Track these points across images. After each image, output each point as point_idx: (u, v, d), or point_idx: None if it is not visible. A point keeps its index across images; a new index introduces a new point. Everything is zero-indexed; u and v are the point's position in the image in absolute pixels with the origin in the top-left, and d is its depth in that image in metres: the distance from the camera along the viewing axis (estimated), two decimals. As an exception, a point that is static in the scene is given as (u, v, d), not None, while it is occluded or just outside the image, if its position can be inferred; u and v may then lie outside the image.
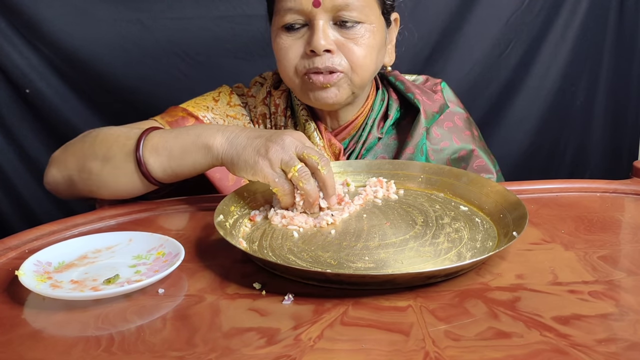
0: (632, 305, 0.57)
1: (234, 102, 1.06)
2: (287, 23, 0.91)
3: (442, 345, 0.51)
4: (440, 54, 1.61)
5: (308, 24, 0.91)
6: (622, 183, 0.92)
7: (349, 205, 0.80)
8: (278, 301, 0.59)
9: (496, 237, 0.72)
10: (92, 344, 0.52)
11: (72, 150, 0.90)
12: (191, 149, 0.80)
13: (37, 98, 1.47)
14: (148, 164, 0.81)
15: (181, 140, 0.81)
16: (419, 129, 1.00)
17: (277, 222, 0.76)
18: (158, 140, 0.82)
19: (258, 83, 1.10)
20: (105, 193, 0.86)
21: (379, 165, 0.93)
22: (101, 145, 0.85)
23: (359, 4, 0.90)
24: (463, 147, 1.04)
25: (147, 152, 0.81)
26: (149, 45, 1.48)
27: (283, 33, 0.93)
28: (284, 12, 0.91)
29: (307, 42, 0.91)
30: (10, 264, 0.69)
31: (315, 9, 0.88)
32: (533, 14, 1.61)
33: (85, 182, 0.86)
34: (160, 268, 0.65)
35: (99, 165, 0.84)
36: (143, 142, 0.82)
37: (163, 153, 0.81)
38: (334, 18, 0.90)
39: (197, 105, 1.03)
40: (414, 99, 1.03)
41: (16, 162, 1.52)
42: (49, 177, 0.92)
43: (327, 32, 0.90)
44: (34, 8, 1.40)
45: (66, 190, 0.90)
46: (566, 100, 1.70)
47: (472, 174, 0.86)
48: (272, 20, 0.96)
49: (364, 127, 1.03)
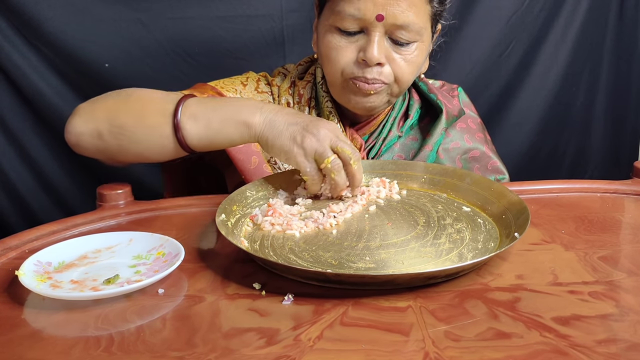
0: (632, 306, 0.57)
1: (262, 89, 1.06)
2: (344, 27, 0.91)
3: (442, 345, 0.51)
4: (440, 54, 1.61)
5: (364, 32, 0.91)
6: (622, 183, 0.92)
7: (352, 207, 0.79)
8: (278, 301, 0.59)
9: (498, 238, 0.72)
10: (92, 344, 0.52)
11: (104, 103, 0.87)
12: (230, 123, 0.81)
13: (38, 98, 1.47)
14: (185, 129, 0.81)
15: (221, 112, 0.81)
16: (439, 128, 1.02)
17: (269, 229, 0.75)
18: (197, 109, 0.81)
19: (281, 74, 1.10)
20: (134, 151, 0.84)
21: (382, 165, 0.93)
22: (136, 103, 0.84)
23: (417, 27, 0.91)
24: (475, 147, 1.05)
25: (185, 118, 0.81)
26: (149, 45, 1.47)
27: (337, 33, 0.93)
28: (343, 15, 0.90)
29: (360, 49, 0.92)
30: (10, 264, 0.69)
31: (377, 22, 0.89)
32: (533, 15, 1.61)
33: (116, 137, 0.83)
34: (160, 268, 0.65)
35: (133, 121, 0.83)
36: (182, 108, 0.81)
37: (201, 122, 0.81)
38: (390, 33, 0.91)
39: (226, 86, 1.03)
40: (437, 100, 1.05)
41: (17, 162, 1.52)
42: (73, 127, 0.85)
43: (382, 46, 0.91)
44: (34, 8, 1.40)
45: (91, 145, 0.86)
46: (566, 100, 1.70)
47: (476, 175, 0.86)
48: (323, 15, 0.96)
49: (384, 124, 1.05)
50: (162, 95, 0.86)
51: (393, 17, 0.89)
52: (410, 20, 0.90)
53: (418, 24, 0.91)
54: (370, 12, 0.88)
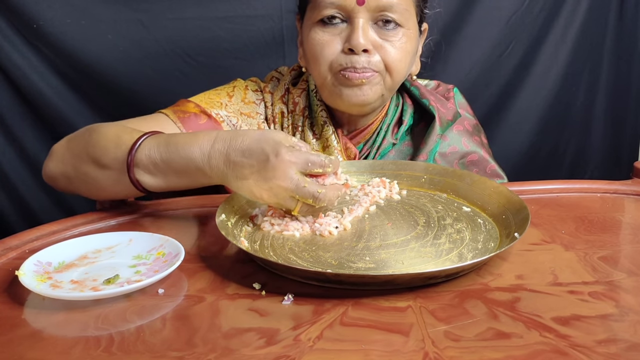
0: (632, 306, 0.57)
1: (249, 99, 1.03)
2: (325, 16, 0.90)
3: (442, 345, 0.51)
4: (440, 54, 1.61)
5: (347, 21, 0.90)
6: (622, 184, 0.92)
7: (353, 211, 0.79)
8: (278, 301, 0.59)
9: (498, 238, 0.72)
10: (92, 344, 0.52)
11: (72, 147, 0.86)
12: (184, 173, 0.76)
13: (38, 98, 1.47)
14: (142, 181, 0.78)
15: (173, 164, 0.76)
16: (433, 136, 1.00)
17: (269, 229, 0.75)
18: (148, 161, 0.77)
19: (275, 78, 1.08)
20: (103, 195, 0.85)
21: (382, 165, 0.93)
22: (95, 149, 0.81)
23: (401, 7, 0.90)
24: (473, 150, 1.03)
25: (140, 172, 0.77)
26: (149, 45, 1.47)
27: (319, 27, 0.92)
28: (323, 6, 0.89)
29: (345, 39, 0.90)
30: (10, 264, 0.69)
31: (358, 7, 0.88)
32: (533, 15, 1.61)
33: (84, 182, 0.84)
34: (160, 268, 0.65)
35: (95, 169, 0.81)
36: (134, 160, 0.76)
37: (157, 174, 0.77)
38: (374, 18, 0.90)
39: (211, 101, 1.00)
40: (429, 105, 1.02)
41: (16, 162, 1.52)
42: (47, 169, 0.88)
43: (367, 32, 0.90)
44: (34, 8, 1.40)
45: (64, 186, 0.88)
46: (566, 100, 1.70)
47: (476, 175, 0.86)
48: (306, 15, 0.95)
49: (378, 132, 1.03)
50: (118, 137, 0.81)
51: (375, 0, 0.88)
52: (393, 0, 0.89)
53: (402, 5, 0.90)
54: None
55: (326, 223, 0.74)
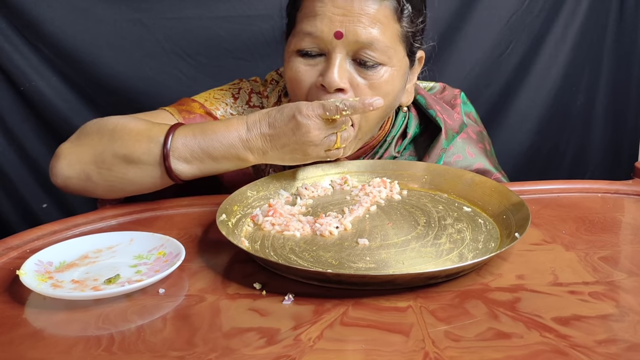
0: (632, 306, 0.57)
1: (254, 103, 1.02)
2: (302, 49, 0.85)
3: (442, 345, 0.51)
4: (440, 54, 1.60)
5: (325, 55, 0.85)
6: (623, 184, 0.92)
7: (354, 211, 0.79)
8: (278, 301, 0.59)
9: (498, 238, 0.72)
10: (93, 344, 0.52)
11: (88, 142, 0.84)
12: (223, 160, 0.80)
13: (38, 98, 1.47)
14: (177, 170, 0.80)
15: (212, 151, 0.79)
16: (437, 150, 0.96)
17: (270, 229, 0.75)
18: (185, 150, 0.79)
19: (274, 81, 1.05)
20: (127, 190, 0.84)
21: (383, 165, 0.93)
22: (122, 143, 0.81)
23: (383, 45, 0.83)
24: (478, 160, 1.00)
25: (176, 161, 0.79)
26: (149, 45, 1.48)
27: (297, 57, 0.86)
28: (302, 36, 0.84)
29: (320, 73, 0.85)
30: (11, 263, 0.69)
31: (336, 41, 0.82)
32: (533, 15, 1.61)
33: (106, 178, 0.82)
34: (161, 268, 0.65)
35: (122, 164, 0.81)
36: (170, 151, 0.79)
37: (194, 162, 0.80)
38: (354, 54, 0.84)
39: (216, 101, 0.99)
40: (436, 117, 0.98)
41: (17, 162, 1.52)
42: (59, 171, 0.84)
43: (344, 69, 0.84)
44: (34, 9, 1.40)
45: (79, 187, 0.84)
46: (566, 100, 1.70)
47: (477, 175, 0.86)
48: (288, 41, 0.90)
49: (381, 144, 0.99)
50: (145, 128, 0.82)
51: (354, 34, 0.81)
52: (374, 37, 0.82)
53: (384, 43, 0.83)
54: (327, 29, 0.82)
55: (327, 223, 0.74)
